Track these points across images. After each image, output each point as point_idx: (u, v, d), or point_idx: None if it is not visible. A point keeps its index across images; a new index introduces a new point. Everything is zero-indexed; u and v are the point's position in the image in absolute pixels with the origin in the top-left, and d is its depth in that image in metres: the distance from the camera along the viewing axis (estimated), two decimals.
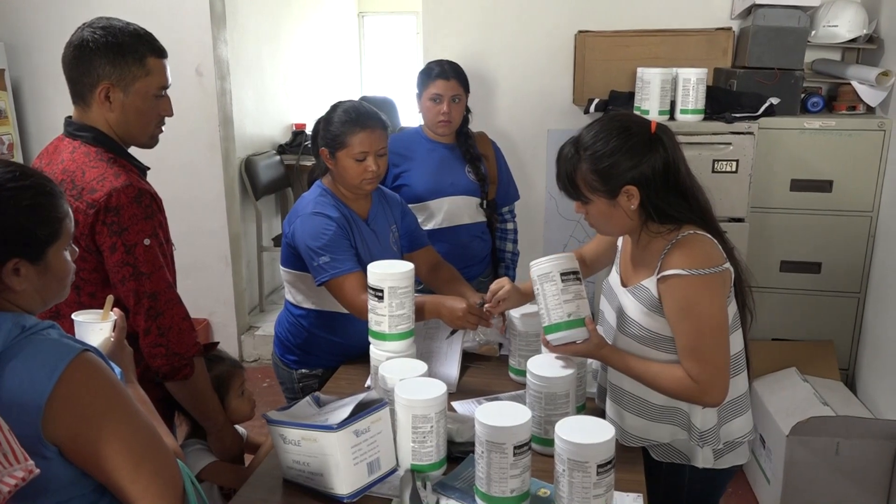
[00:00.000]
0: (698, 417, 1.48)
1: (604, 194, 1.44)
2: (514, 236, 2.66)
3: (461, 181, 2.44)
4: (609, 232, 1.58)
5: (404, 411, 1.40)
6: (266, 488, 1.45)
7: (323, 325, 1.96)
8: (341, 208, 1.91)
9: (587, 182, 1.45)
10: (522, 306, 1.85)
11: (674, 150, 1.44)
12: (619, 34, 3.15)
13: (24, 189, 1.06)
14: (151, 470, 1.08)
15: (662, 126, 1.47)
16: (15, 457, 0.91)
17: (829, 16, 2.88)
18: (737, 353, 1.50)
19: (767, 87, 2.80)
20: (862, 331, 2.88)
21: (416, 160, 2.43)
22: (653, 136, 1.43)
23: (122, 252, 1.50)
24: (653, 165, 1.41)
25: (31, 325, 1.05)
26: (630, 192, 1.43)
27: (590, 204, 1.48)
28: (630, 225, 1.49)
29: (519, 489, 1.29)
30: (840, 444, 2.41)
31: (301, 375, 2.02)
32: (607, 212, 1.47)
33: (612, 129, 1.44)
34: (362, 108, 1.90)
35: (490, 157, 2.56)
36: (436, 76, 2.39)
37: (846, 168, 2.78)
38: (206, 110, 3.65)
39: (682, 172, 1.45)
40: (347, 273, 1.79)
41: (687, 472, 1.54)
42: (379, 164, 1.87)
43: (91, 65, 1.52)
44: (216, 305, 3.90)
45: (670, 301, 1.42)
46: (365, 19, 7.16)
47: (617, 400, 1.57)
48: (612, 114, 1.56)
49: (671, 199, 1.44)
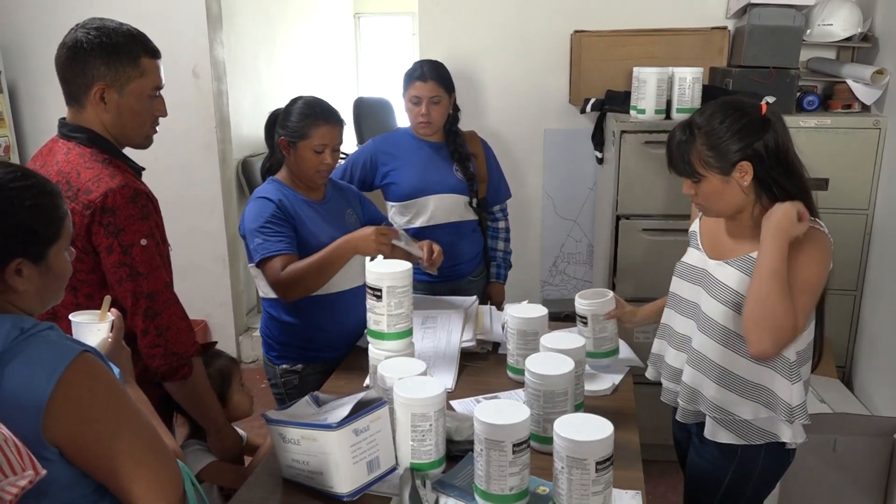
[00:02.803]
0: (786, 393, 1.52)
1: (718, 171, 1.52)
2: (505, 235, 2.66)
3: (448, 179, 2.45)
4: (718, 209, 1.60)
5: (403, 410, 1.40)
6: (266, 487, 1.45)
7: (288, 313, 2.01)
8: (286, 191, 2.00)
9: (702, 159, 1.53)
10: (520, 305, 1.86)
11: (783, 131, 1.53)
12: (615, 34, 3.16)
13: (26, 189, 1.07)
14: (152, 470, 1.08)
15: (772, 108, 1.55)
16: (11, 468, 0.90)
17: (824, 14, 2.89)
18: (811, 339, 1.58)
19: (763, 85, 2.81)
20: (858, 328, 2.89)
21: (403, 159, 2.44)
22: (764, 117, 1.51)
23: (119, 253, 1.50)
24: (766, 143, 1.50)
25: (30, 327, 1.05)
26: (744, 168, 1.51)
27: (702, 182, 1.55)
28: (742, 202, 1.55)
29: (518, 487, 1.30)
30: (837, 442, 2.42)
31: (283, 371, 2.07)
32: (720, 188, 1.54)
33: (726, 109, 1.53)
34: (324, 103, 2.02)
35: (480, 155, 2.56)
36: (415, 78, 2.40)
37: (842, 166, 2.79)
38: (202, 112, 3.64)
39: (792, 152, 1.53)
40: (275, 254, 1.86)
41: (763, 452, 1.58)
42: (334, 158, 2.00)
43: (85, 66, 1.52)
44: (213, 307, 3.90)
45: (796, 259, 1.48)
46: (361, 20, 7.16)
47: (697, 366, 1.61)
48: (725, 97, 1.63)
49: (781, 178, 1.52)
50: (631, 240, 2.77)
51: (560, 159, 3.42)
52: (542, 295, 3.58)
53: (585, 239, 3.51)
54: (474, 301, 2.24)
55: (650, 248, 2.74)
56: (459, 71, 3.36)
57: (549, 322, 1.84)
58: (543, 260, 3.57)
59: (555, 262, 3.57)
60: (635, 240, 2.77)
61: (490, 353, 2.04)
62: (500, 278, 2.65)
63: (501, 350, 2.00)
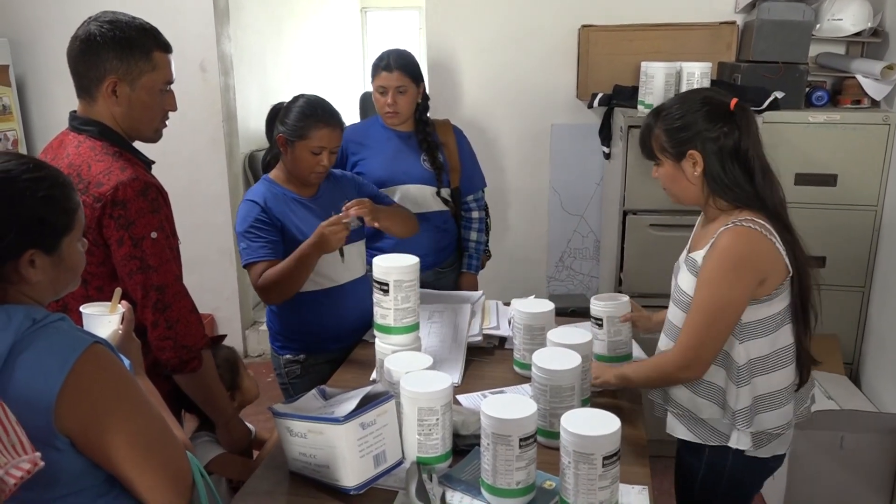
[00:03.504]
0: (732, 395, 1.52)
1: (671, 156, 1.53)
2: (479, 225, 2.60)
3: (415, 170, 2.42)
4: (676, 195, 1.60)
5: (410, 404, 1.41)
6: (273, 480, 1.46)
7: (290, 306, 2.03)
8: (275, 189, 2.02)
9: (659, 142, 1.54)
10: (526, 300, 1.86)
11: (747, 129, 1.49)
12: (622, 28, 3.15)
13: (39, 180, 1.08)
14: (161, 461, 1.09)
15: (743, 105, 1.52)
16: (23, 448, 0.92)
17: (834, 9, 2.87)
18: (780, 348, 1.53)
19: (772, 81, 2.79)
20: (866, 325, 2.88)
21: (372, 148, 2.43)
22: (730, 112, 1.49)
23: (130, 245, 1.50)
24: (721, 136, 1.47)
25: (42, 318, 1.05)
26: (694, 158, 1.50)
27: (661, 166, 1.56)
28: (694, 193, 1.54)
29: (524, 481, 1.30)
30: (844, 438, 2.42)
31: (286, 361, 2.11)
32: (673, 174, 1.55)
33: (692, 97, 1.54)
34: (325, 104, 2.01)
35: (451, 144, 2.52)
36: (381, 68, 2.39)
37: (851, 162, 2.77)
38: (209, 106, 3.65)
39: (751, 153, 1.49)
40: (256, 261, 1.94)
41: (730, 457, 1.56)
42: (330, 160, 2.00)
43: (98, 59, 1.52)
44: (220, 300, 3.92)
45: (702, 270, 1.50)
46: (368, 14, 7.16)
47: None
48: (702, 88, 1.62)
49: (733, 176, 1.48)
50: (638, 235, 2.77)
51: (567, 154, 3.41)
52: (548, 290, 3.58)
53: (592, 234, 3.51)
54: (481, 296, 2.24)
55: (657, 244, 2.73)
56: (466, 65, 3.37)
57: (555, 317, 1.84)
58: (550, 255, 3.57)
59: (561, 257, 3.57)
60: (642, 235, 2.76)
61: (496, 347, 2.04)
62: (472, 269, 2.61)
63: (508, 345, 2.00)
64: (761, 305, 1.50)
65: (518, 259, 3.54)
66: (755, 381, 1.52)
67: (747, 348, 1.51)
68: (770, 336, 1.52)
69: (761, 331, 1.52)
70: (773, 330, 1.52)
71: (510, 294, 2.42)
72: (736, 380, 1.51)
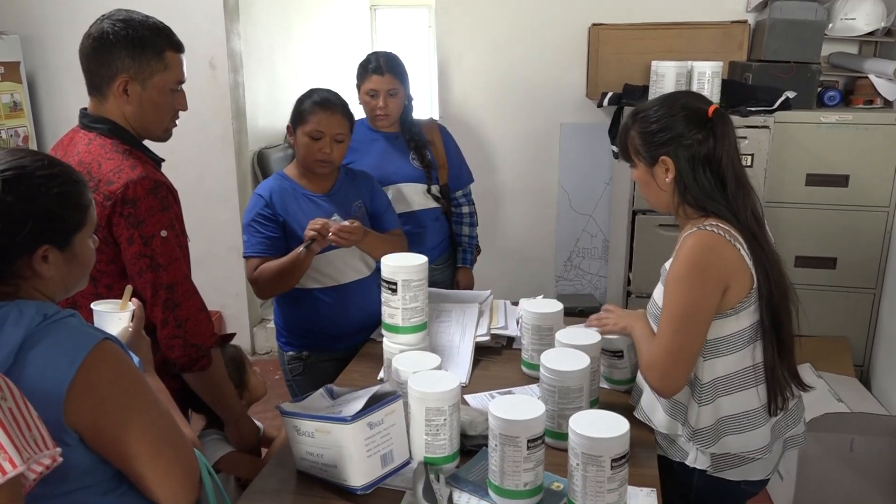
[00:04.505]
0: (693, 413, 1.47)
1: (644, 160, 1.50)
2: (469, 220, 2.63)
3: (404, 169, 2.43)
4: (649, 200, 1.58)
5: (418, 404, 1.40)
6: (280, 479, 1.46)
7: (293, 303, 2.06)
8: (285, 183, 2.03)
9: (633, 145, 1.51)
10: (535, 300, 1.85)
11: (723, 137, 1.45)
12: (633, 27, 3.13)
13: (53, 177, 1.09)
14: (169, 458, 1.09)
15: (721, 113, 1.47)
16: (45, 443, 0.93)
17: (847, 8, 2.85)
18: (745, 367, 1.46)
19: (783, 80, 2.77)
20: (877, 327, 2.86)
21: (360, 151, 2.43)
22: (707, 118, 1.45)
23: (140, 244, 1.51)
24: (695, 143, 1.43)
25: (53, 313, 1.06)
26: (666, 164, 1.46)
27: (635, 169, 1.54)
28: (664, 199, 1.52)
29: (532, 483, 1.30)
30: (854, 441, 2.40)
31: (290, 357, 2.13)
32: (645, 179, 1.52)
33: (669, 101, 1.50)
34: (332, 94, 2.03)
35: (437, 142, 2.54)
36: (371, 71, 2.38)
37: (862, 163, 2.75)
38: (218, 103, 3.66)
39: (725, 162, 1.44)
40: (252, 255, 1.98)
41: (696, 475, 1.52)
42: (333, 149, 1.98)
43: (110, 57, 1.53)
44: (228, 297, 3.93)
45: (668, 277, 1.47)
46: (377, 12, 7.15)
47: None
48: (679, 91, 1.59)
49: (704, 184, 1.44)
50: (647, 235, 2.76)
51: (576, 154, 3.41)
52: (556, 290, 3.58)
53: (601, 234, 3.50)
54: (489, 295, 2.24)
55: (666, 244, 2.69)
56: (475, 64, 3.36)
57: (564, 317, 1.84)
58: (558, 255, 3.56)
59: (569, 256, 3.56)
60: (651, 235, 2.75)
61: (504, 347, 2.04)
62: (467, 263, 2.64)
63: (516, 345, 2.00)
64: (727, 320, 1.43)
65: (526, 258, 3.53)
66: (719, 402, 1.46)
67: (712, 366, 1.46)
68: (736, 354, 1.45)
69: (726, 348, 1.45)
70: (740, 348, 1.45)
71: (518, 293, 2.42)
72: (698, 398, 1.46)
